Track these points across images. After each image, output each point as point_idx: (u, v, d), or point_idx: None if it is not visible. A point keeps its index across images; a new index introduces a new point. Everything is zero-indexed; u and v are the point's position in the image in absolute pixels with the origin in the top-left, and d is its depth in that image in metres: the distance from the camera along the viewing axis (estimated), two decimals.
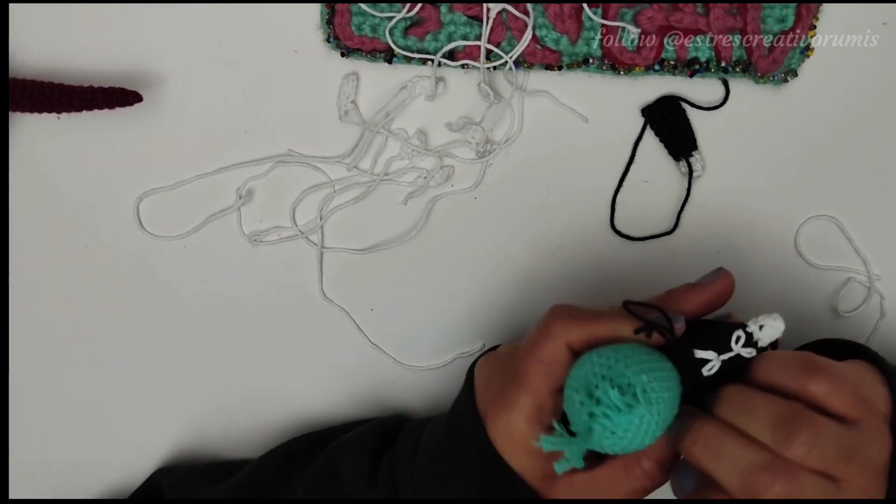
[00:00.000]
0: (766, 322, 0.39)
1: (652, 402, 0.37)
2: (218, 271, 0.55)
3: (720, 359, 0.39)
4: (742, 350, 0.39)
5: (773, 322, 0.39)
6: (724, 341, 0.39)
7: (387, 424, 0.52)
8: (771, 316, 0.39)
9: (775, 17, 0.49)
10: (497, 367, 0.44)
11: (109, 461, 0.59)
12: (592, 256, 0.55)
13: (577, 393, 0.38)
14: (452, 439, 0.45)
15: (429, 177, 0.53)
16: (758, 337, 0.39)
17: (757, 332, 0.39)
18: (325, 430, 0.55)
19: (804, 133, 0.53)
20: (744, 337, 0.39)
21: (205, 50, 0.52)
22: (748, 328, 0.39)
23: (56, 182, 0.54)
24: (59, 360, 0.57)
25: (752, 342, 0.39)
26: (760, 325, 0.39)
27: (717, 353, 0.39)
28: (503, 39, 0.50)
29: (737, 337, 0.39)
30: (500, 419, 0.42)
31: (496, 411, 0.42)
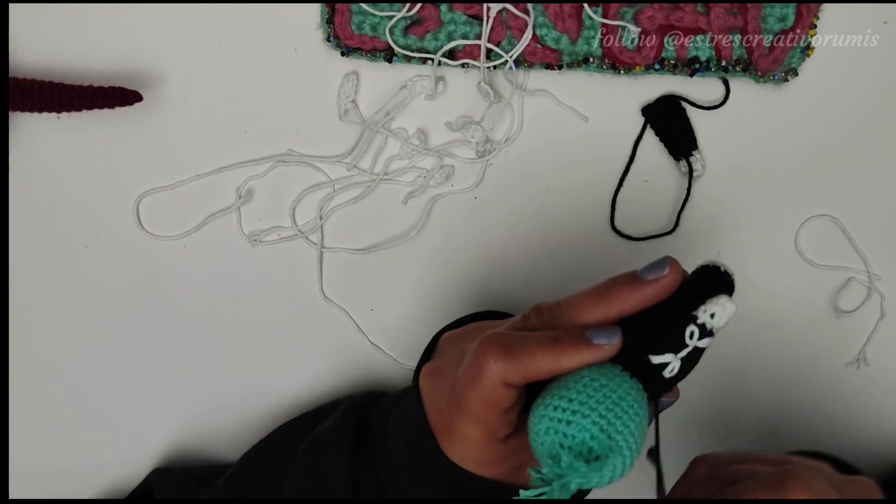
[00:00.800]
0: (715, 309, 0.37)
1: (622, 445, 0.35)
2: (218, 271, 0.55)
3: (678, 357, 0.37)
4: (699, 343, 0.37)
5: (723, 304, 0.37)
6: (678, 339, 0.37)
7: (359, 408, 0.51)
8: (718, 300, 0.37)
9: (776, 17, 0.49)
10: (441, 391, 0.42)
11: (108, 461, 0.59)
12: (592, 256, 0.55)
13: (542, 457, 0.36)
14: (416, 459, 0.43)
15: (429, 176, 0.53)
16: (711, 325, 0.37)
17: (709, 320, 0.37)
18: (301, 418, 0.54)
19: (804, 132, 0.53)
20: (697, 331, 0.37)
21: (205, 50, 0.52)
22: (699, 320, 0.37)
23: (56, 182, 0.54)
24: (58, 360, 0.57)
25: (707, 331, 0.37)
26: (711, 313, 0.37)
27: (673, 353, 0.37)
28: (503, 38, 0.50)
29: (690, 332, 0.37)
30: (456, 449, 0.41)
31: (450, 442, 0.41)
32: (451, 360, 0.42)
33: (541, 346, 0.37)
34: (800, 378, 0.57)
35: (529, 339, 0.38)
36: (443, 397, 0.41)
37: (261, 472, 0.52)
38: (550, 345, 0.37)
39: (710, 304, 0.37)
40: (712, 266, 0.39)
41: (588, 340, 0.37)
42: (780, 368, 0.56)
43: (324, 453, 0.49)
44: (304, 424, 0.53)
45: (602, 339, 0.37)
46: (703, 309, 0.37)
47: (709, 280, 0.39)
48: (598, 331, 0.38)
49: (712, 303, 0.37)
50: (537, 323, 0.40)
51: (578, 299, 0.40)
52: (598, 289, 0.40)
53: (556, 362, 0.37)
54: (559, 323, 0.39)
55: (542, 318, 0.40)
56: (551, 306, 0.40)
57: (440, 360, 0.43)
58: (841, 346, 0.56)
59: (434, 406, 0.42)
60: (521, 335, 0.38)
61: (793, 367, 0.56)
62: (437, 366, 0.43)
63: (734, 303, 0.38)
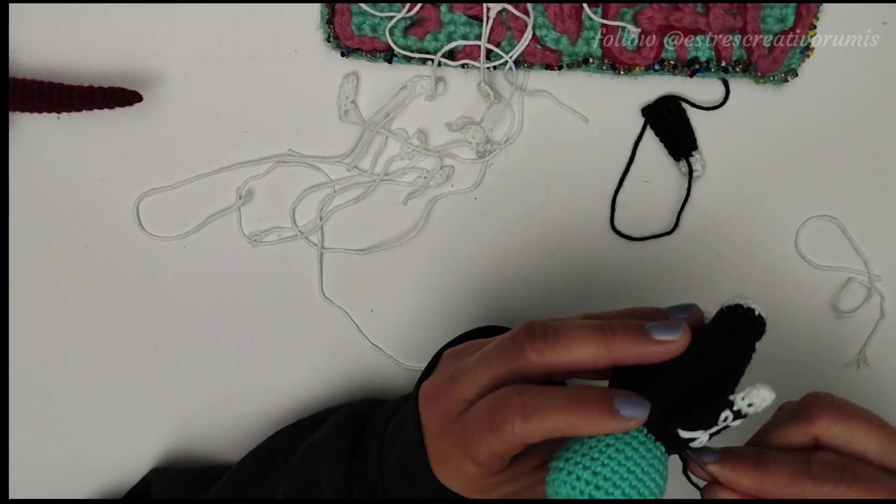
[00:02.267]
0: (754, 399, 0.36)
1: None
2: (218, 271, 0.55)
3: (708, 433, 0.37)
4: (732, 423, 0.36)
5: (763, 395, 0.36)
6: (710, 420, 0.36)
7: (355, 416, 0.50)
8: (760, 391, 0.36)
9: (775, 17, 0.49)
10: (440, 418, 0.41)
11: (108, 460, 0.59)
12: (592, 256, 0.55)
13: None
14: (406, 476, 0.43)
15: (429, 177, 0.53)
16: (746, 412, 0.36)
17: (745, 408, 0.36)
18: (297, 424, 0.54)
19: (804, 133, 0.53)
20: (732, 416, 0.36)
21: (205, 50, 0.52)
22: (735, 406, 0.36)
23: (56, 182, 0.54)
24: (58, 360, 0.57)
25: (742, 415, 0.36)
26: (749, 402, 0.36)
27: (704, 430, 0.36)
28: (503, 39, 0.50)
29: (725, 417, 0.36)
30: (448, 477, 0.40)
31: (444, 470, 0.40)
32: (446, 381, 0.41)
33: (564, 408, 0.36)
34: (800, 378, 0.57)
35: (552, 398, 0.37)
36: (442, 426, 0.40)
37: (256, 479, 0.52)
38: (574, 407, 0.36)
39: (751, 393, 0.36)
40: (737, 307, 0.38)
41: (615, 412, 0.36)
42: (780, 368, 0.56)
43: (318, 462, 0.49)
44: (300, 430, 0.53)
45: (630, 411, 0.36)
46: (742, 396, 0.36)
47: (738, 327, 0.38)
48: (626, 401, 0.36)
49: (753, 393, 0.36)
50: (528, 347, 0.38)
51: (576, 330, 0.38)
52: (601, 326, 0.38)
53: (577, 428, 0.36)
54: (552, 353, 0.38)
55: (533, 342, 0.38)
56: (545, 329, 0.39)
57: (438, 381, 0.42)
58: (841, 347, 0.56)
59: (433, 432, 0.41)
60: (543, 392, 0.37)
61: (793, 367, 0.56)
62: (435, 389, 0.42)
63: (773, 392, 0.36)
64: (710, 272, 0.55)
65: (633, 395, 0.37)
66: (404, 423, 0.44)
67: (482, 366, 0.39)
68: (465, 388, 0.40)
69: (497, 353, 0.39)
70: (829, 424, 0.39)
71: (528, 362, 0.38)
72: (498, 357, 0.39)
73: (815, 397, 0.41)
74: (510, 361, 0.39)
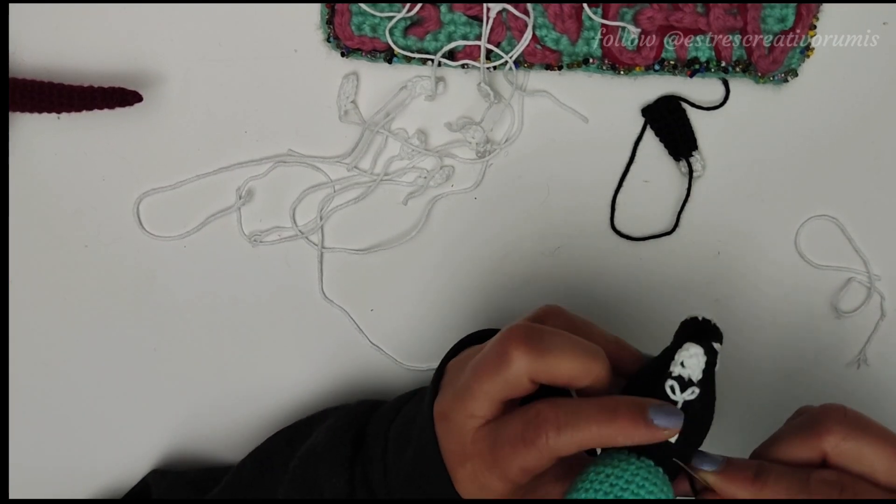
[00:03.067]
0: (683, 357, 0.38)
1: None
2: (218, 271, 0.55)
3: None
4: (685, 396, 0.38)
5: (690, 351, 0.38)
6: (662, 398, 0.38)
7: (353, 419, 0.50)
8: (686, 349, 0.38)
9: (775, 17, 0.49)
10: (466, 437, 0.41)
11: (107, 461, 0.58)
12: (592, 256, 0.55)
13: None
14: (420, 486, 0.43)
15: (429, 177, 0.53)
16: (687, 375, 0.38)
17: (682, 370, 0.38)
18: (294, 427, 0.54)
19: (804, 133, 0.53)
20: (677, 384, 0.38)
21: (205, 50, 0.52)
22: (674, 373, 0.38)
23: (56, 182, 0.54)
24: (58, 360, 0.57)
25: (687, 381, 0.38)
26: (680, 362, 0.38)
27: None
28: (503, 39, 0.50)
29: (670, 387, 0.38)
30: (473, 493, 0.41)
31: (468, 488, 0.41)
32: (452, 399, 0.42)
33: (597, 419, 0.37)
34: (800, 378, 0.57)
35: (585, 410, 0.37)
36: (461, 445, 0.40)
37: (254, 482, 0.52)
38: (608, 419, 0.37)
39: (679, 354, 0.38)
40: (690, 319, 0.40)
41: (648, 421, 0.37)
42: (779, 368, 0.56)
43: (318, 468, 0.49)
44: (298, 432, 0.53)
45: (663, 421, 0.37)
46: (674, 361, 0.38)
47: (689, 334, 0.39)
48: (659, 410, 0.37)
49: (680, 353, 0.38)
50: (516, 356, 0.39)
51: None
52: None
53: (611, 439, 0.37)
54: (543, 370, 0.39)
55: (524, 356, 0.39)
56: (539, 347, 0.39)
57: (446, 399, 0.42)
58: (841, 347, 0.56)
59: (453, 454, 0.41)
60: (577, 404, 0.38)
61: (793, 367, 0.56)
62: (446, 407, 0.42)
63: (701, 347, 0.38)
64: (710, 272, 0.55)
65: (665, 404, 0.38)
66: (412, 430, 0.44)
67: (475, 380, 0.40)
68: (472, 406, 0.40)
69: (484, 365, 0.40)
70: (839, 441, 0.39)
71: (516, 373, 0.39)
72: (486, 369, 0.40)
73: (827, 411, 0.40)
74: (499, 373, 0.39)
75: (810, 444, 0.39)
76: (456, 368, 0.43)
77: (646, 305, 0.55)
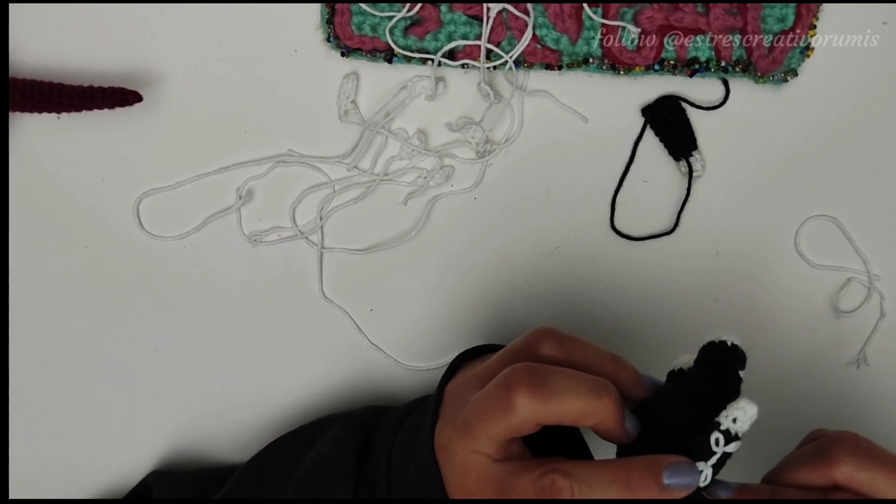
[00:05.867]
0: (737, 413, 0.37)
1: None
2: (218, 271, 0.55)
3: (709, 465, 0.37)
4: (728, 448, 0.37)
5: (744, 408, 0.37)
6: (705, 448, 0.37)
7: (358, 430, 0.50)
8: (739, 404, 0.37)
9: (775, 17, 0.49)
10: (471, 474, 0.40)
11: (108, 462, 0.59)
12: (592, 256, 0.55)
13: None
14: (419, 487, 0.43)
15: (429, 177, 0.53)
16: (735, 430, 0.37)
17: (732, 426, 0.37)
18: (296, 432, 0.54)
19: (804, 133, 0.53)
20: (723, 438, 0.37)
21: (205, 49, 0.52)
22: (722, 426, 0.37)
23: (56, 182, 0.54)
24: (58, 360, 0.57)
25: (733, 436, 0.37)
26: (733, 418, 0.37)
27: (704, 461, 0.38)
28: (503, 39, 0.50)
29: (715, 440, 0.37)
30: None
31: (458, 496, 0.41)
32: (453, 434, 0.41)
33: (611, 491, 0.37)
34: (799, 378, 0.57)
35: (598, 473, 0.38)
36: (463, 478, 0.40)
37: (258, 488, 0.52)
38: (621, 491, 0.37)
39: (732, 409, 0.37)
40: (718, 343, 0.39)
41: (662, 486, 0.37)
42: (779, 368, 0.56)
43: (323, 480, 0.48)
44: (301, 437, 0.53)
45: (678, 481, 0.37)
46: (725, 415, 0.37)
47: (719, 362, 0.39)
48: (676, 471, 0.37)
49: (733, 408, 0.37)
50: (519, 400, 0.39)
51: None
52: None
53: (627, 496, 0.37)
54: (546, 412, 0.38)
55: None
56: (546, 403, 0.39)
57: (447, 431, 0.42)
58: (841, 346, 0.56)
59: (454, 486, 0.41)
60: (591, 470, 0.38)
61: (793, 367, 0.56)
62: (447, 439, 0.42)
63: (755, 404, 0.37)
64: (710, 272, 0.55)
65: (680, 462, 0.37)
66: (414, 448, 0.44)
67: (478, 422, 0.39)
68: (475, 444, 0.40)
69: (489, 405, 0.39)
70: (851, 472, 0.39)
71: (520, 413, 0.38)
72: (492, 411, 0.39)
73: (840, 440, 0.40)
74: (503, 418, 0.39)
75: (822, 472, 0.39)
76: (455, 395, 0.43)
77: (646, 305, 0.55)
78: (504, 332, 0.56)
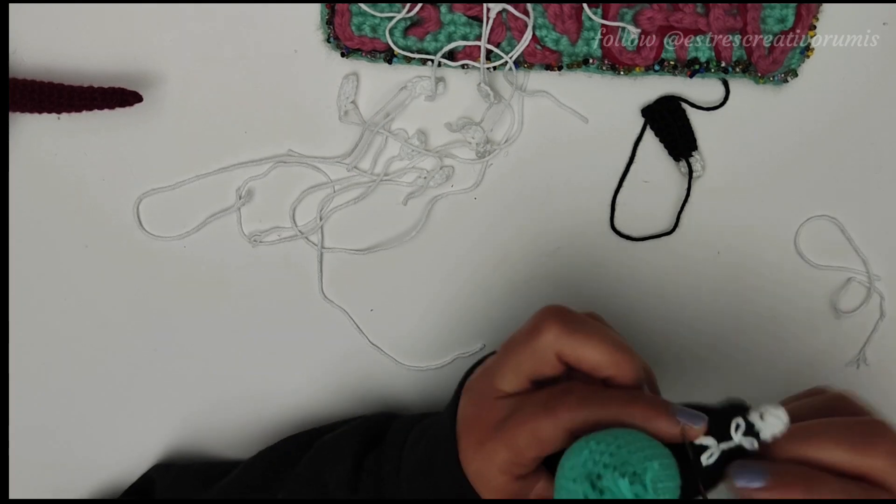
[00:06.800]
0: (769, 412, 0.36)
1: (660, 492, 0.34)
2: (218, 271, 0.55)
3: (720, 448, 0.36)
4: (743, 440, 0.36)
5: (777, 413, 0.36)
6: (722, 428, 0.36)
7: (370, 423, 0.51)
8: (774, 407, 0.36)
9: (775, 17, 0.49)
10: (481, 409, 0.42)
11: (109, 461, 0.59)
12: (592, 256, 0.55)
13: (576, 483, 0.34)
14: (431, 467, 0.44)
15: (429, 177, 0.53)
16: (759, 427, 0.36)
17: (758, 421, 0.36)
18: (311, 431, 0.55)
19: (804, 133, 0.53)
20: (744, 425, 0.36)
21: (205, 50, 0.52)
22: (749, 416, 0.36)
23: (56, 182, 0.54)
24: (58, 361, 0.57)
25: (754, 432, 0.36)
26: (761, 413, 0.36)
27: (716, 440, 0.36)
28: (503, 39, 0.50)
29: (736, 424, 0.36)
30: (474, 464, 0.41)
31: (472, 455, 0.41)
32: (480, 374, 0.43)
33: (620, 399, 0.37)
34: (800, 378, 0.57)
35: (612, 391, 0.38)
36: (485, 411, 0.41)
37: (261, 479, 0.52)
38: (629, 401, 0.37)
39: (768, 409, 0.36)
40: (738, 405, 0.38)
41: (671, 412, 0.37)
42: (779, 368, 0.56)
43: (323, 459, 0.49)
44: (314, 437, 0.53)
45: (686, 418, 0.37)
46: (756, 409, 0.36)
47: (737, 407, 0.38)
48: (685, 410, 0.37)
49: (770, 411, 0.36)
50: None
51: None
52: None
53: (629, 417, 0.37)
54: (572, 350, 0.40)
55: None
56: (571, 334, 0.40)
57: (478, 372, 0.43)
58: (841, 347, 0.56)
59: (468, 418, 0.42)
60: (605, 387, 0.39)
61: (793, 367, 0.56)
62: (475, 379, 0.43)
63: (788, 416, 0.36)
64: (710, 272, 0.55)
65: (692, 411, 0.37)
66: (433, 423, 0.45)
67: (504, 351, 0.41)
68: (500, 379, 0.41)
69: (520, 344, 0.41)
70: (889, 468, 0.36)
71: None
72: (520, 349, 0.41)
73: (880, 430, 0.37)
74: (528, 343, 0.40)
75: (856, 457, 0.36)
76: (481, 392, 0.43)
77: (646, 305, 0.55)
78: (504, 332, 0.56)
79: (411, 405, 0.57)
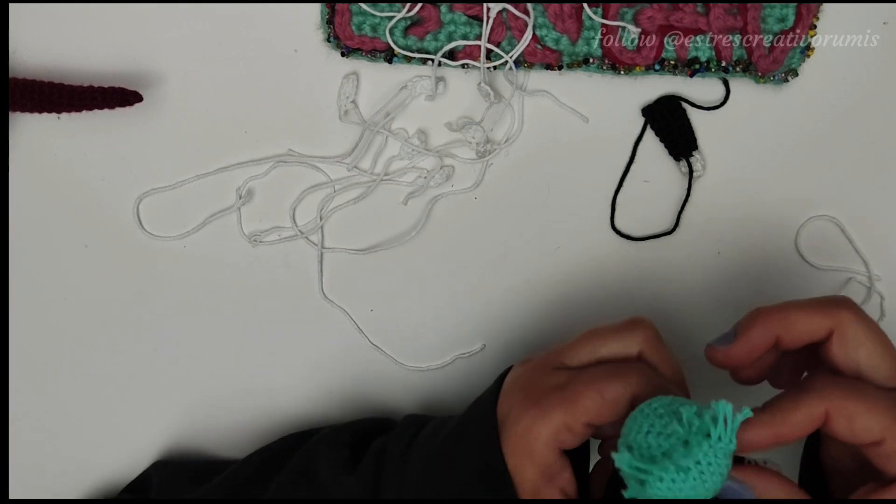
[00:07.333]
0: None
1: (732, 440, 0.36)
2: (218, 271, 0.55)
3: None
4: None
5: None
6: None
7: (370, 422, 0.51)
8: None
9: (775, 17, 0.49)
10: (537, 374, 0.43)
11: (109, 460, 0.58)
12: (592, 256, 0.55)
13: (660, 418, 0.36)
14: (460, 444, 0.43)
15: (429, 177, 0.53)
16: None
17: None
18: (309, 431, 0.54)
19: (804, 133, 0.53)
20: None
21: (205, 49, 0.52)
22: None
23: (56, 182, 0.54)
24: (58, 361, 0.57)
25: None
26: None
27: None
28: (503, 39, 0.50)
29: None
30: (524, 421, 0.41)
31: (522, 413, 0.41)
32: (544, 359, 0.44)
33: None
34: None
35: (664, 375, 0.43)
36: (537, 379, 0.43)
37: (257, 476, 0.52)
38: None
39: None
40: None
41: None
42: None
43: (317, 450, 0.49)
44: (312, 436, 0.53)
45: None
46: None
47: None
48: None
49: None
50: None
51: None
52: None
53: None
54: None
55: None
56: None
57: (533, 360, 0.45)
58: None
59: (516, 387, 0.43)
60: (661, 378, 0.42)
61: None
62: (534, 361, 0.45)
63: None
64: (710, 272, 0.55)
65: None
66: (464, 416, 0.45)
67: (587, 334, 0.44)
68: (565, 355, 0.43)
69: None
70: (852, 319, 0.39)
71: None
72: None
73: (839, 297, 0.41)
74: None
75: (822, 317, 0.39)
76: (532, 368, 0.44)
77: (646, 305, 0.55)
78: (504, 333, 0.56)
79: (411, 405, 0.57)
